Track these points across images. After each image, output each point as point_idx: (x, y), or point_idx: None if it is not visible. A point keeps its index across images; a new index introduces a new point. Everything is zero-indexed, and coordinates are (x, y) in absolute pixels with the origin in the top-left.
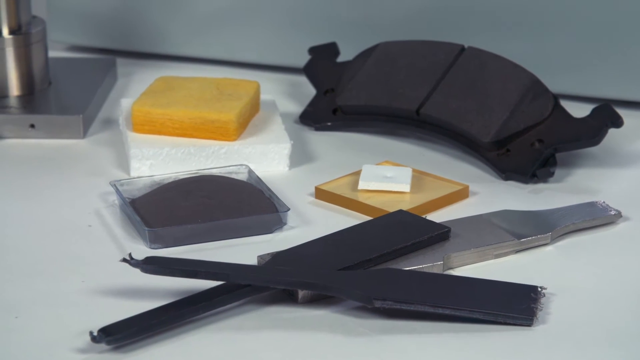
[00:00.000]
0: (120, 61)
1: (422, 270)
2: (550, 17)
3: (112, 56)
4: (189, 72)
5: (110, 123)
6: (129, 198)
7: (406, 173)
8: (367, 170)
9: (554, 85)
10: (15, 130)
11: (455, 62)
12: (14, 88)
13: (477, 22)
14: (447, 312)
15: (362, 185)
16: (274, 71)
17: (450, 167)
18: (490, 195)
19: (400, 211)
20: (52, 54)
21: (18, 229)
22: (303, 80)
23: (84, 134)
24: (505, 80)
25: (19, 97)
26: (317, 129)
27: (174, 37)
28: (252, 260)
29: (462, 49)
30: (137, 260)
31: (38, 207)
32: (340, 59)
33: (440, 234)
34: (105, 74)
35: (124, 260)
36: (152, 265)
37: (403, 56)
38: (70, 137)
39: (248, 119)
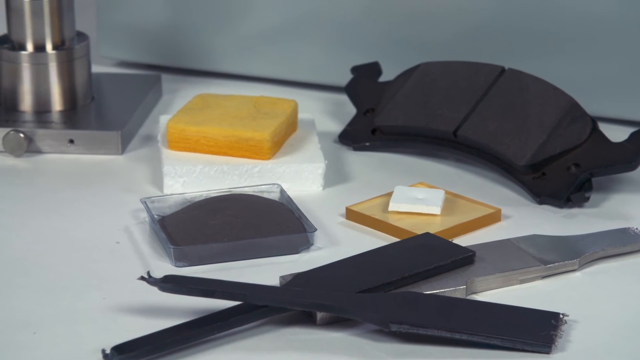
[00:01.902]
0: (167, 77)
1: (443, 294)
2: (592, 40)
3: (157, 72)
4: (234, 89)
5: (150, 139)
6: (159, 215)
7: (438, 195)
8: (399, 191)
9: (594, 107)
10: (55, 145)
11: (495, 84)
12: (57, 103)
13: (520, 44)
14: (464, 337)
15: (392, 206)
16: (320, 90)
17: (486, 190)
18: (523, 219)
19: (427, 234)
20: (100, 69)
21: (47, 245)
22: (347, 99)
23: (123, 150)
24: (543, 103)
25: (61, 112)
26: (355, 149)
27: (221, 55)
28: (276, 281)
29: (502, 70)
30: (155, 278)
31: (68, 223)
32: (384, 78)
33: (464, 258)
34: (149, 90)
35: (142, 278)
36: (169, 284)
37: (443, 77)
38: (109, 153)
39: (284, 138)
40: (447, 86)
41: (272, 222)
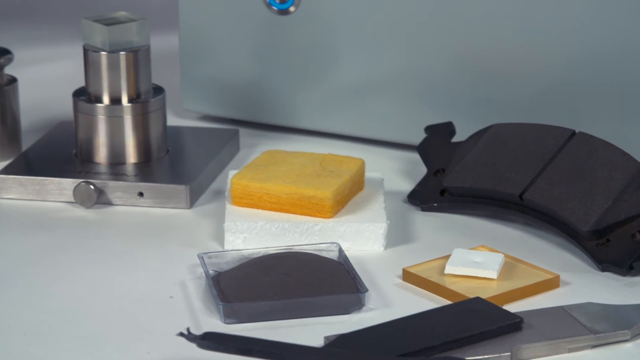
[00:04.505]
0: (247, 132)
1: None
2: None
3: (235, 127)
4: (311, 145)
5: (220, 194)
6: (215, 271)
7: (496, 259)
8: (457, 254)
9: None
10: (125, 197)
11: (564, 147)
12: (131, 155)
13: (594, 106)
14: None
15: (448, 269)
16: (397, 148)
17: (549, 255)
18: (582, 286)
19: (477, 298)
20: (183, 122)
21: (101, 296)
22: None
23: (191, 204)
24: (611, 169)
25: (135, 165)
26: (423, 210)
27: (302, 111)
28: (322, 341)
29: (573, 133)
30: (194, 335)
31: (126, 276)
32: (460, 137)
33: (511, 324)
34: (225, 145)
35: (181, 334)
36: (208, 341)
37: (513, 139)
38: (177, 206)
39: (348, 197)
40: (516, 148)
41: (325, 281)
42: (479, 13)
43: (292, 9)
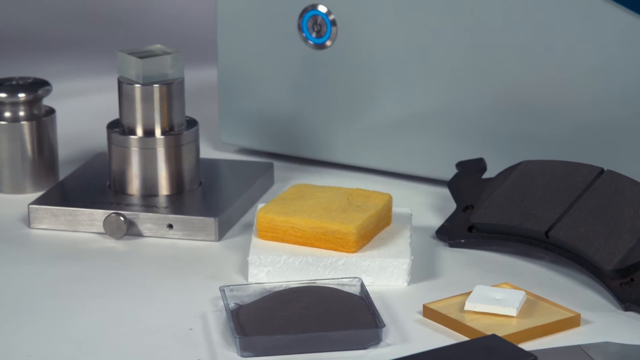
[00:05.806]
0: (283, 165)
1: None
2: None
3: (269, 160)
4: (345, 180)
5: (250, 227)
6: (237, 304)
7: (517, 296)
8: (479, 291)
9: None
10: (155, 229)
11: (592, 185)
12: (164, 187)
13: (624, 144)
14: None
15: (468, 306)
16: (432, 183)
17: (573, 293)
18: (604, 325)
19: (493, 336)
20: (219, 155)
21: (122, 328)
22: None
23: (220, 236)
24: (637, 207)
25: (167, 197)
26: (451, 246)
27: (338, 145)
28: None
29: (602, 171)
30: None
31: (148, 307)
32: (491, 174)
33: None
34: (258, 178)
35: None
36: None
37: (542, 176)
38: (206, 239)
39: (374, 232)
40: (544, 185)
41: (343, 316)
42: (513, 51)
43: (328, 43)
